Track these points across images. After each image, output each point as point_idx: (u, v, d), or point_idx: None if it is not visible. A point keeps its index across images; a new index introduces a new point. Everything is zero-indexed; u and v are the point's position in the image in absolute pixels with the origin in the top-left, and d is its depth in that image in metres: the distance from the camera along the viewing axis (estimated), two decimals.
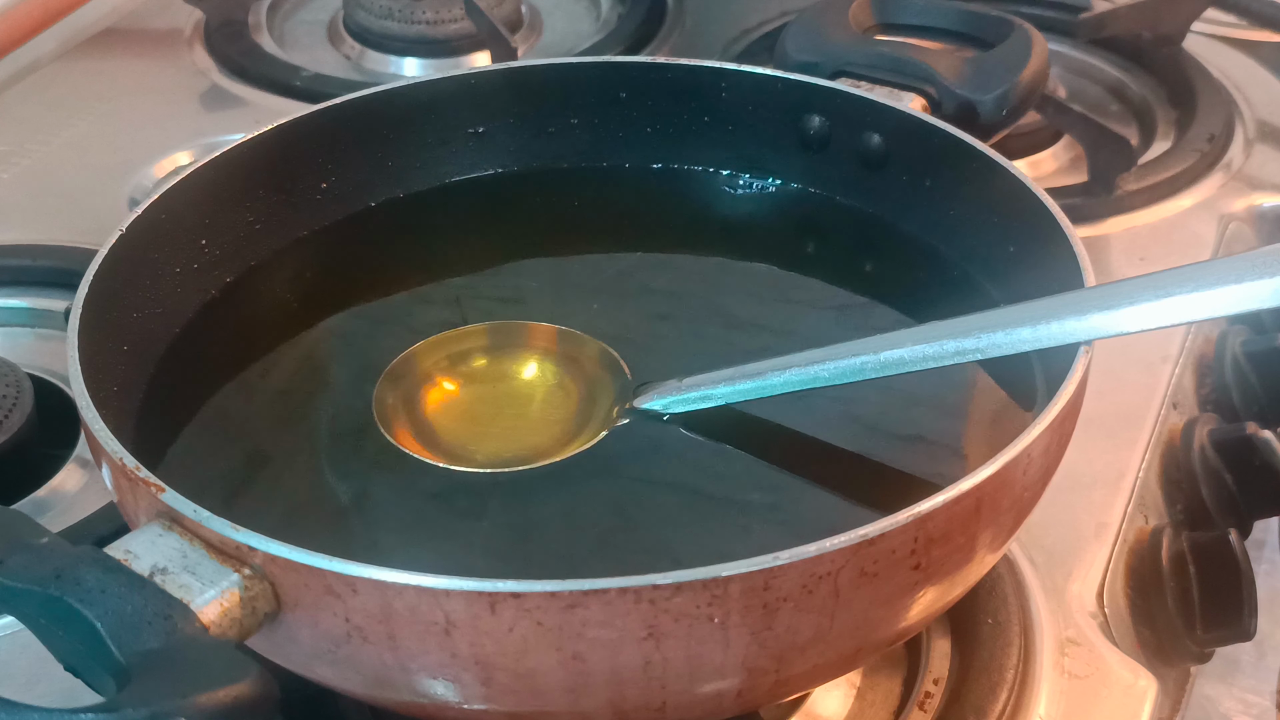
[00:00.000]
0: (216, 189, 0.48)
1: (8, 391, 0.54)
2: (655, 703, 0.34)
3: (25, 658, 0.45)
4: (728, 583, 0.31)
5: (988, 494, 0.34)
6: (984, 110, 0.52)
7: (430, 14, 0.81)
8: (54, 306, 0.61)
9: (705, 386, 0.42)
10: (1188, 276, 0.37)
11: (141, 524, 0.34)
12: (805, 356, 0.41)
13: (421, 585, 0.31)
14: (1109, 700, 0.45)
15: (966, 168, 0.47)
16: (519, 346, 0.47)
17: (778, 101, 0.52)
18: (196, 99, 0.78)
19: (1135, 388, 0.56)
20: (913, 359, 0.39)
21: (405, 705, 0.36)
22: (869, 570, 0.33)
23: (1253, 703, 0.51)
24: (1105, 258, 0.64)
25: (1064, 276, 0.41)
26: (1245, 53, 0.80)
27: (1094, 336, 0.38)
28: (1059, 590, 0.48)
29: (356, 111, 0.52)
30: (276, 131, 0.50)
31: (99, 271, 0.42)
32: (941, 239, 0.49)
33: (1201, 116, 0.73)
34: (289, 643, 0.34)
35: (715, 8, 0.85)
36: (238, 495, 0.42)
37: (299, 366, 0.47)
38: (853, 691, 0.45)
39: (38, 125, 0.75)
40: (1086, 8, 0.80)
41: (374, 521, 0.42)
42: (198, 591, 0.32)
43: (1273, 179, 0.70)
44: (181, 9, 0.84)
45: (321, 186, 0.52)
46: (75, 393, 0.38)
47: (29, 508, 0.51)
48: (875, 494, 0.40)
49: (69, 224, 0.66)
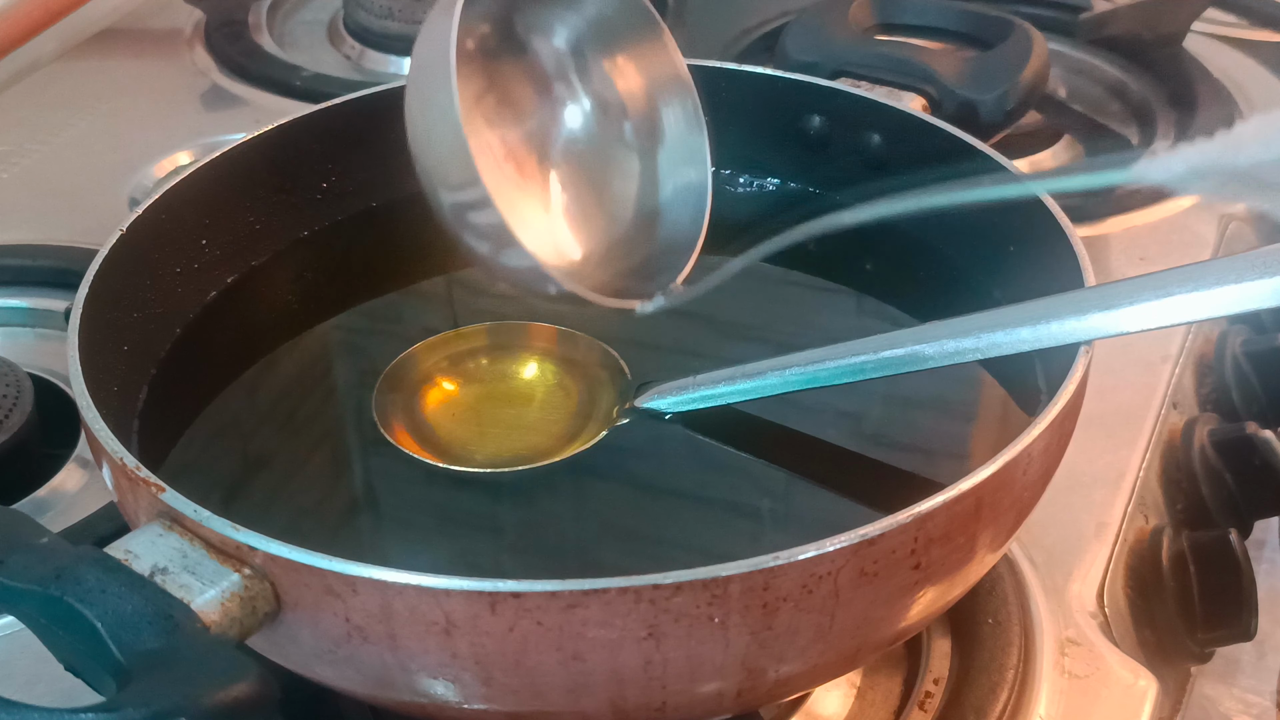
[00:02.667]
0: (217, 189, 0.48)
1: (8, 391, 0.54)
2: (655, 703, 0.34)
3: (25, 658, 0.45)
4: (728, 583, 0.31)
5: (988, 494, 0.34)
6: (984, 110, 0.52)
7: None
8: (54, 306, 0.61)
9: (705, 386, 0.42)
10: (1188, 276, 0.37)
11: (142, 524, 0.34)
12: (805, 356, 0.41)
13: (421, 585, 0.31)
14: (1109, 700, 0.44)
15: (967, 167, 0.47)
16: (519, 347, 0.47)
17: (778, 101, 0.52)
18: (196, 99, 0.78)
19: (1135, 387, 0.56)
20: (912, 359, 0.39)
21: (405, 705, 0.36)
22: (869, 570, 0.33)
23: (1253, 703, 0.51)
24: (1105, 257, 0.64)
25: (1064, 276, 0.41)
26: (1246, 53, 0.80)
27: (1094, 336, 0.38)
28: (1059, 590, 0.48)
29: (356, 111, 0.52)
30: (276, 131, 0.50)
31: (99, 271, 0.42)
32: (942, 238, 0.49)
33: (1201, 116, 0.72)
34: (289, 643, 0.34)
35: (715, 8, 0.85)
36: (238, 495, 0.42)
37: (299, 366, 0.47)
38: (853, 691, 0.45)
39: (38, 125, 0.75)
40: (1087, 8, 0.80)
41: (374, 521, 0.42)
42: (198, 591, 0.32)
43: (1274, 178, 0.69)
44: (181, 9, 0.84)
45: (321, 186, 0.52)
46: (75, 392, 0.38)
47: (29, 508, 0.51)
48: (875, 494, 0.40)
49: (69, 224, 0.66)
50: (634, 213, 0.43)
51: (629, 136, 0.43)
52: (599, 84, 0.44)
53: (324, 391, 0.47)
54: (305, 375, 0.47)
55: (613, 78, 0.43)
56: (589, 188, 0.43)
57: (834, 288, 0.50)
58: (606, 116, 0.43)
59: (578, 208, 0.42)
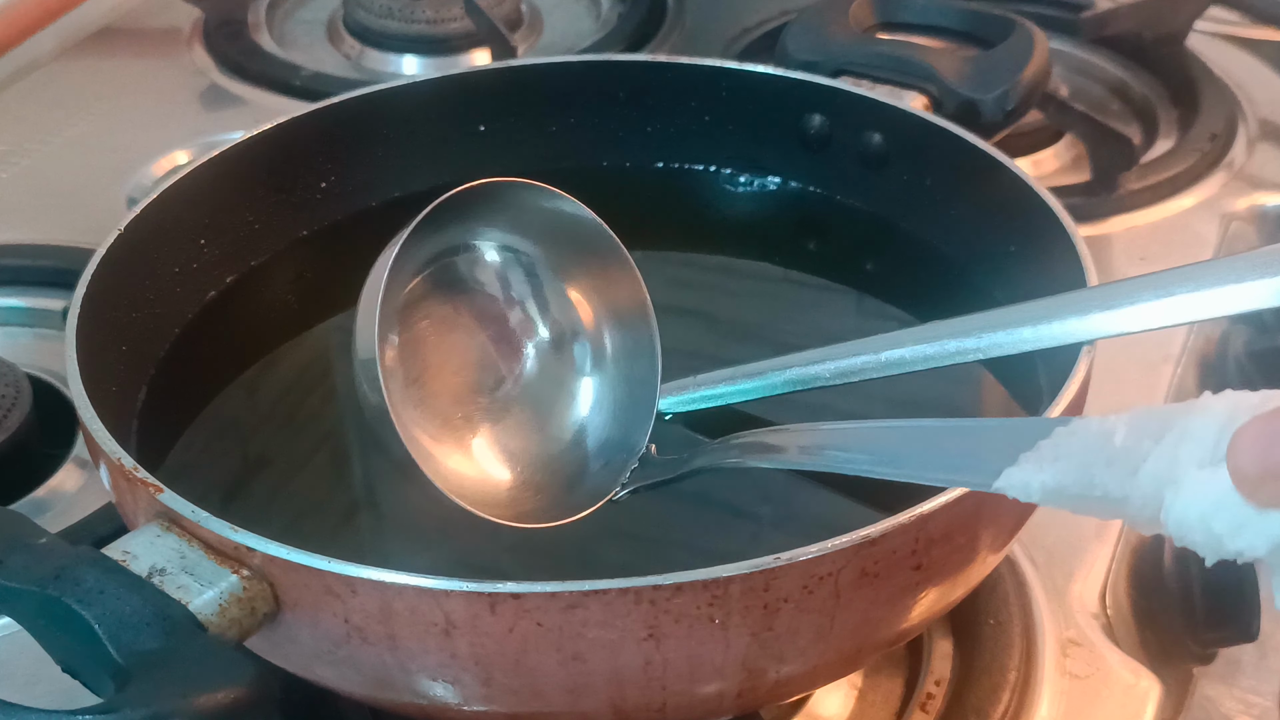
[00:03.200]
0: (216, 188, 0.48)
1: (6, 391, 0.54)
2: (655, 703, 0.34)
3: (25, 658, 0.45)
4: (728, 583, 0.31)
5: (989, 494, 0.34)
6: (986, 109, 0.51)
7: (430, 13, 0.81)
8: (53, 306, 0.61)
9: (705, 386, 0.42)
10: (1191, 276, 0.36)
11: (140, 524, 0.34)
12: (805, 356, 0.41)
13: (421, 586, 0.31)
14: (1111, 701, 0.44)
15: (968, 166, 0.47)
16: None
17: (778, 100, 0.52)
18: (195, 98, 0.78)
19: (1137, 387, 0.56)
20: (913, 359, 0.39)
21: (405, 706, 0.36)
22: (870, 571, 0.33)
23: (1255, 703, 0.51)
24: (1107, 257, 0.64)
25: (1066, 276, 0.41)
26: (1248, 51, 0.80)
27: (1095, 336, 0.38)
28: (1061, 591, 0.48)
29: (356, 111, 0.51)
30: (276, 131, 0.50)
31: (98, 271, 0.42)
32: (943, 238, 0.49)
33: (1204, 115, 0.72)
34: (288, 643, 0.34)
35: (715, 6, 0.85)
36: (236, 496, 0.42)
37: (298, 367, 0.47)
38: (854, 692, 0.45)
39: (37, 125, 0.75)
40: (1088, 6, 0.80)
41: (373, 522, 0.42)
42: (196, 592, 0.32)
43: (1275, 178, 0.69)
44: (181, 8, 0.84)
45: (321, 186, 0.52)
46: (74, 393, 0.38)
47: (28, 508, 0.51)
48: (876, 494, 0.40)
49: (68, 223, 0.66)
50: (575, 429, 0.42)
51: (578, 358, 0.43)
52: (555, 306, 0.43)
53: (323, 392, 0.47)
54: (304, 376, 0.47)
55: (570, 299, 0.43)
56: (531, 410, 0.42)
57: (834, 287, 0.50)
58: (559, 338, 0.43)
59: (516, 429, 0.42)
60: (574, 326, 0.43)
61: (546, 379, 0.42)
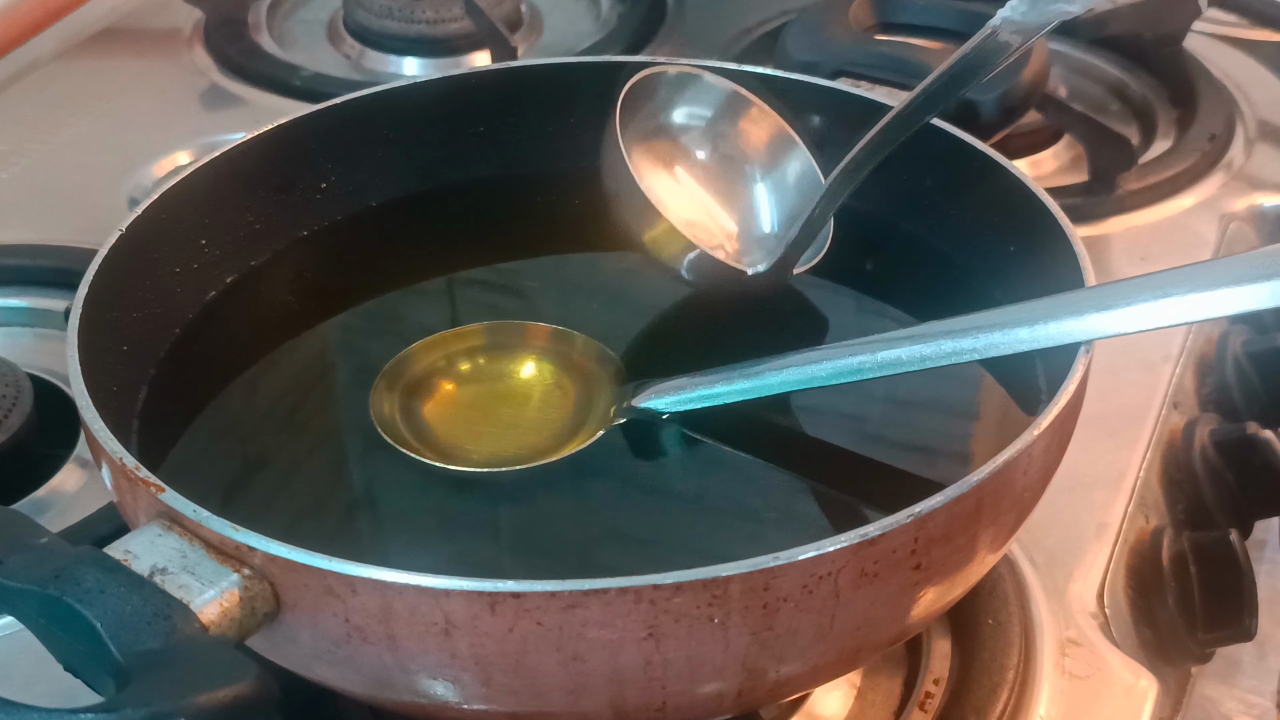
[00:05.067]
0: (216, 189, 0.48)
1: (7, 391, 0.54)
2: (655, 703, 0.34)
3: (25, 658, 0.45)
4: (728, 583, 0.31)
5: (988, 494, 0.34)
6: (984, 110, 0.52)
7: (430, 13, 0.81)
8: (54, 306, 0.61)
9: (704, 386, 0.42)
10: (1188, 277, 0.37)
11: (141, 524, 0.34)
12: (803, 356, 0.41)
13: (421, 585, 0.31)
14: (1110, 701, 0.44)
15: (967, 167, 0.47)
16: (516, 346, 0.47)
17: (778, 101, 0.52)
18: (196, 98, 0.78)
19: (1136, 387, 0.56)
20: (910, 359, 0.39)
21: (405, 705, 0.36)
22: (869, 570, 0.33)
23: (1254, 703, 0.51)
24: (1106, 257, 0.64)
25: (1064, 276, 0.41)
26: (1246, 52, 0.80)
27: (1092, 337, 0.38)
28: (1060, 590, 0.48)
29: (356, 111, 0.51)
30: (276, 131, 0.50)
31: (99, 271, 0.42)
32: (942, 238, 0.49)
33: (1202, 116, 0.73)
34: (289, 643, 0.34)
35: (715, 7, 0.85)
36: (237, 495, 0.42)
37: (298, 366, 0.47)
38: (853, 692, 0.45)
39: (37, 125, 0.75)
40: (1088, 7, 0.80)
41: (374, 521, 0.42)
42: (197, 591, 0.32)
43: (1274, 178, 0.70)
44: (181, 9, 0.84)
45: (321, 186, 0.52)
46: (75, 392, 0.38)
47: (29, 508, 0.51)
48: (875, 494, 0.40)
49: (69, 224, 0.66)
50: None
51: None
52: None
53: (324, 392, 0.47)
54: (305, 375, 0.47)
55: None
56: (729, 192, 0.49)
57: (834, 288, 0.50)
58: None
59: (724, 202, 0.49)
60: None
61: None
